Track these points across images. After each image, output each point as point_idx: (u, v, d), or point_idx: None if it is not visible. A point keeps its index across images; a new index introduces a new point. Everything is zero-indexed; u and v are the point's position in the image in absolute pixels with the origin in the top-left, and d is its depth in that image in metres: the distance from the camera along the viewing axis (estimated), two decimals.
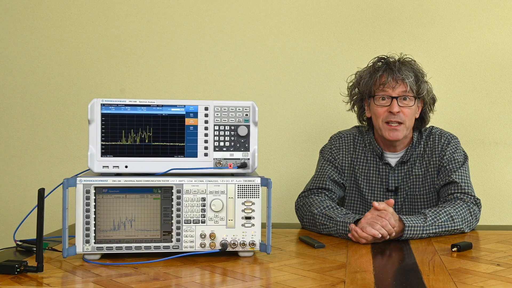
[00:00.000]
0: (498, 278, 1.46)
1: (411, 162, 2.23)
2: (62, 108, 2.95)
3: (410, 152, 2.23)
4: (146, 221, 1.64)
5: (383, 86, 2.14)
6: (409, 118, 2.15)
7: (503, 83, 2.78)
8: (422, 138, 2.25)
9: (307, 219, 2.11)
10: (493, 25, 2.77)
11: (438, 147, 2.22)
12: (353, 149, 2.28)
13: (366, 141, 2.28)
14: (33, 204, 1.62)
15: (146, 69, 2.91)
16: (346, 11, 2.83)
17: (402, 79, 2.13)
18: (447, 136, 2.24)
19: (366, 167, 2.26)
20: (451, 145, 2.21)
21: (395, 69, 2.14)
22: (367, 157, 2.27)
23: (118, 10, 2.92)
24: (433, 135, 2.25)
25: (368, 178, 2.26)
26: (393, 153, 2.24)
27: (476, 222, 2.10)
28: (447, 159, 2.19)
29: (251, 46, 2.88)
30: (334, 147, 2.30)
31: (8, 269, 1.47)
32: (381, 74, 2.15)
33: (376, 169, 2.25)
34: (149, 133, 1.68)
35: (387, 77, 2.13)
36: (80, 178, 1.61)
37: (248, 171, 1.71)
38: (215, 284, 1.42)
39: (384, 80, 2.14)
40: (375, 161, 2.25)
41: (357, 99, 2.27)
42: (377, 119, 2.17)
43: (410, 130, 2.20)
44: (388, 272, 1.57)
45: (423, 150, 2.24)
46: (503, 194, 2.78)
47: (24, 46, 2.96)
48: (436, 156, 2.21)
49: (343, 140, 2.30)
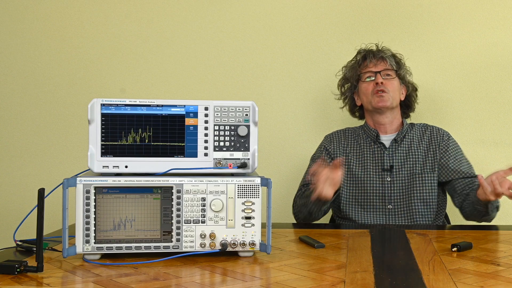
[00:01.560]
0: (498, 278, 1.46)
1: (407, 143, 2.38)
2: (62, 108, 2.95)
3: (402, 134, 2.40)
4: (146, 221, 1.64)
5: (366, 66, 2.41)
6: (392, 89, 2.38)
7: (503, 83, 2.78)
8: (414, 126, 2.44)
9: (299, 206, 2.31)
10: (493, 25, 2.77)
11: (437, 137, 2.39)
12: (344, 139, 2.46)
13: (360, 131, 2.46)
14: (33, 204, 1.62)
15: (146, 69, 2.91)
16: (346, 11, 2.83)
17: (381, 57, 2.42)
18: (443, 130, 2.43)
19: (360, 152, 2.41)
20: (451, 139, 2.40)
21: (374, 51, 2.45)
22: (360, 144, 2.43)
23: (118, 10, 2.92)
24: (430, 128, 2.44)
25: (362, 161, 2.38)
26: (386, 135, 2.42)
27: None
28: (452, 149, 2.37)
29: (251, 46, 2.88)
30: (326, 141, 2.49)
31: (8, 269, 1.47)
32: (363, 57, 2.44)
33: (370, 151, 2.39)
34: (149, 133, 1.68)
35: (369, 58, 2.42)
36: (80, 178, 1.61)
37: (248, 171, 1.71)
38: (215, 284, 1.42)
39: (367, 62, 2.42)
40: (369, 145, 2.41)
41: (348, 92, 2.52)
42: (366, 95, 2.40)
43: (396, 103, 2.40)
44: (388, 272, 1.57)
45: (419, 136, 2.41)
46: None
47: (24, 46, 2.96)
48: (437, 144, 2.37)
49: (334, 135, 2.50)
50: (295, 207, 2.36)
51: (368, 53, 2.44)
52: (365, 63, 2.43)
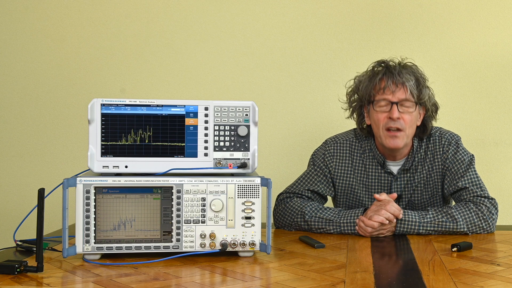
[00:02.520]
0: (498, 278, 1.46)
1: (413, 169, 2.19)
2: (62, 108, 2.95)
3: (411, 159, 2.17)
4: (146, 221, 1.63)
5: (383, 91, 2.07)
6: (409, 125, 2.08)
7: (503, 83, 2.78)
8: (422, 142, 2.19)
9: (296, 224, 2.08)
10: (493, 25, 2.77)
11: (440, 150, 2.17)
12: (349, 156, 2.21)
13: (366, 147, 2.21)
14: (33, 204, 1.62)
15: (146, 69, 2.91)
16: (346, 12, 2.83)
17: (402, 82, 2.06)
18: (447, 136, 2.18)
19: (365, 175, 2.20)
20: (452, 145, 2.16)
21: (395, 72, 2.08)
22: (366, 164, 2.20)
23: (118, 10, 2.92)
24: (433, 136, 2.19)
25: (368, 186, 2.21)
26: (393, 161, 2.19)
27: (487, 223, 2.03)
28: (450, 161, 2.15)
29: (251, 46, 2.88)
30: (328, 153, 2.23)
31: (8, 269, 1.47)
32: (381, 78, 2.09)
33: (377, 177, 2.19)
34: (149, 133, 1.68)
35: (387, 80, 2.07)
36: (80, 178, 1.61)
37: (248, 171, 1.71)
38: (215, 284, 1.42)
39: (384, 84, 2.07)
40: (376, 169, 2.19)
41: (356, 105, 2.20)
42: (377, 126, 2.11)
43: (410, 138, 2.13)
44: (388, 272, 1.57)
45: (424, 155, 2.19)
46: (503, 194, 2.78)
47: (24, 46, 2.96)
48: (439, 160, 2.17)
49: (339, 146, 2.23)
50: (284, 212, 2.12)
51: (387, 73, 2.08)
52: (382, 85, 2.07)
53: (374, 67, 2.15)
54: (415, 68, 2.14)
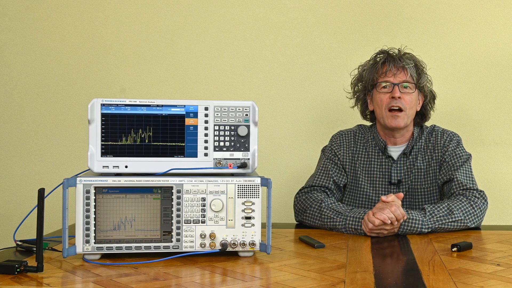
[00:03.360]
0: (498, 278, 1.46)
1: (413, 156, 2.28)
2: (62, 108, 2.95)
3: (411, 145, 2.28)
4: (146, 221, 1.64)
5: (385, 74, 2.23)
6: (410, 105, 2.22)
7: (503, 83, 2.78)
8: (423, 134, 2.31)
9: (310, 211, 2.14)
10: (493, 25, 2.77)
11: (441, 142, 2.28)
12: (353, 144, 2.34)
13: (369, 137, 2.34)
14: (33, 204, 1.62)
15: (146, 69, 2.91)
16: (346, 11, 2.83)
17: (402, 66, 2.23)
18: (449, 133, 2.31)
19: (368, 162, 2.31)
20: (453, 141, 2.28)
21: (396, 57, 2.25)
22: (368, 152, 2.32)
23: (118, 10, 2.92)
24: (436, 132, 2.31)
25: (370, 172, 2.30)
26: (394, 146, 2.30)
27: (481, 213, 2.11)
28: (449, 154, 2.25)
29: (251, 46, 2.88)
30: (335, 143, 2.36)
31: (8, 269, 1.47)
32: (383, 63, 2.25)
33: (378, 163, 2.30)
34: (149, 133, 1.68)
35: (389, 64, 2.23)
36: (80, 178, 1.61)
37: (248, 171, 1.71)
38: (215, 284, 1.42)
39: (386, 68, 2.23)
40: (377, 155, 2.30)
41: (361, 94, 2.35)
42: (379, 107, 2.24)
43: (411, 120, 2.26)
44: (388, 272, 1.57)
45: (425, 145, 2.29)
46: (503, 194, 2.78)
47: (24, 46, 2.96)
48: (439, 151, 2.27)
49: (343, 137, 2.37)
50: (302, 203, 2.20)
51: (388, 58, 2.25)
52: (384, 69, 2.23)
53: (376, 55, 2.31)
54: (414, 55, 2.31)
